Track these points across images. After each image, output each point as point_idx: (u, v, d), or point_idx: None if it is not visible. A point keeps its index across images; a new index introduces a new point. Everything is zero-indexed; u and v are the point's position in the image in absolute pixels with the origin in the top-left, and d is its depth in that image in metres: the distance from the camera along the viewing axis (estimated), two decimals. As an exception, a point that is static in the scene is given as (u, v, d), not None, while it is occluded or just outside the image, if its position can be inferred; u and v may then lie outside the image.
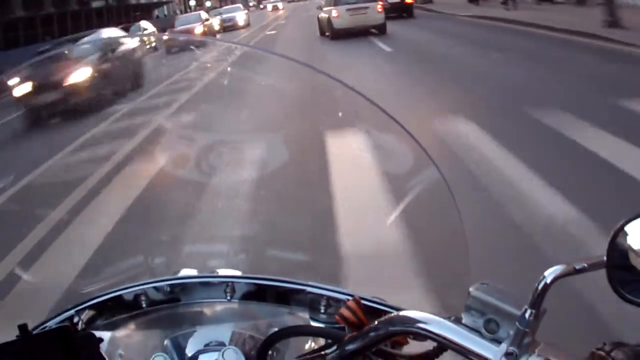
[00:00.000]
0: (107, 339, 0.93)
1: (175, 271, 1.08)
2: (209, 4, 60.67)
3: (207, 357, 0.93)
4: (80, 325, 0.96)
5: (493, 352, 0.71)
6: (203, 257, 1.24)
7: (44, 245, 2.94)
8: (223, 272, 1.07)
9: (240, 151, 1.38)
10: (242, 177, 1.32)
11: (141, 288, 1.00)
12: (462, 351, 0.73)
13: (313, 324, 0.98)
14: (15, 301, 1.42)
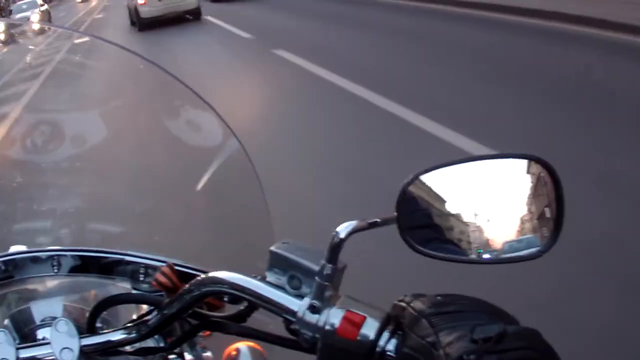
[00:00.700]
0: None
1: (6, 249, 1.09)
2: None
3: (42, 333, 0.95)
4: None
5: (297, 305, 0.76)
6: (31, 234, 1.25)
7: None
8: (51, 247, 1.10)
9: (61, 128, 1.41)
10: (64, 154, 1.35)
11: None
12: (269, 307, 0.78)
13: (134, 292, 1.04)
14: None
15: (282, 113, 8.25)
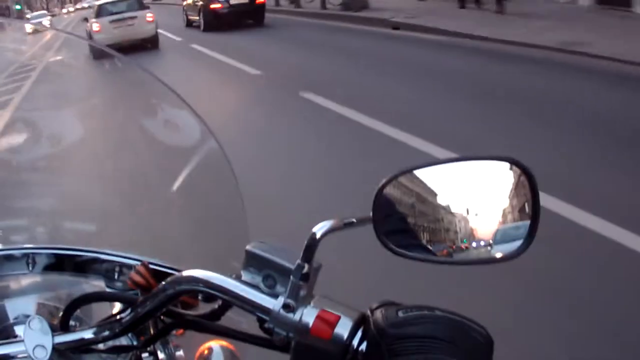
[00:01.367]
0: None
1: None
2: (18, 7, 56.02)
3: (16, 330, 0.95)
4: None
5: (272, 304, 0.76)
6: (6, 231, 1.24)
7: None
8: (25, 245, 1.09)
9: (37, 126, 1.40)
10: (40, 152, 1.34)
11: None
12: (244, 306, 0.78)
13: (109, 290, 1.03)
14: None
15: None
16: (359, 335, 0.72)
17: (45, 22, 36.19)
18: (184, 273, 0.83)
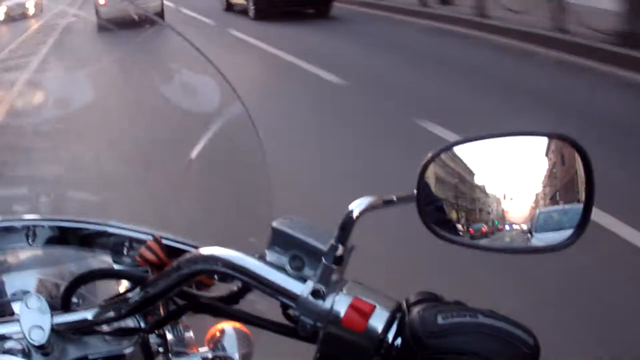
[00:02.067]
0: None
1: None
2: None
3: (14, 307, 0.89)
4: None
5: (299, 289, 0.68)
6: (6, 201, 1.18)
7: None
8: (27, 217, 1.03)
9: (44, 88, 1.32)
10: (45, 116, 1.27)
11: None
12: (267, 290, 0.70)
13: (116, 267, 0.97)
14: None
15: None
16: (393, 329, 0.66)
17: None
18: (202, 250, 0.76)
